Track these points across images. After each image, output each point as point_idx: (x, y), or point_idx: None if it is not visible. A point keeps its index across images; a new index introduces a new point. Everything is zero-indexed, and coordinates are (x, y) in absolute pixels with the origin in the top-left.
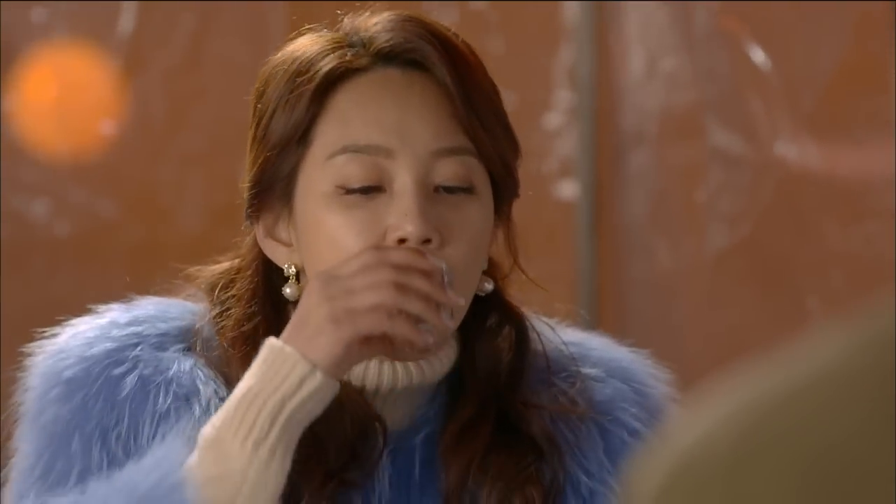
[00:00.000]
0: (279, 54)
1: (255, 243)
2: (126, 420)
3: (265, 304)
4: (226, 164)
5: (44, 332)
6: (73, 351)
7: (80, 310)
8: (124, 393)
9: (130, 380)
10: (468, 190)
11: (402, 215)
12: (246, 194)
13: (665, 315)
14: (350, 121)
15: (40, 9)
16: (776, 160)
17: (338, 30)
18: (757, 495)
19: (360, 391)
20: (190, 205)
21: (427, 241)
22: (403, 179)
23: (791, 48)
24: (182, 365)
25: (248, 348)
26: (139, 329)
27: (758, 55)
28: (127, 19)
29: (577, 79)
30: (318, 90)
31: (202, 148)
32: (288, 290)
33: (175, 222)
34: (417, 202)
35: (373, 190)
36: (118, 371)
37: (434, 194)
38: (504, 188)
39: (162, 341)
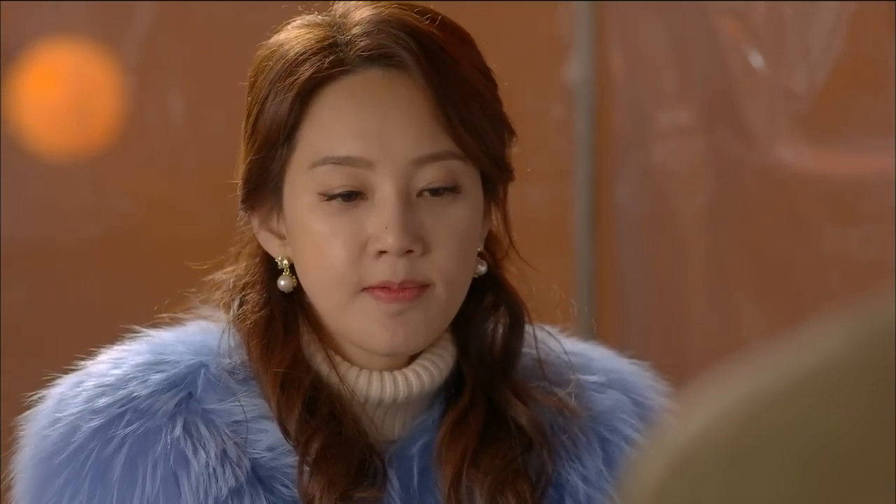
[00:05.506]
0: (269, 46)
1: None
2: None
3: (273, 292)
4: None
5: (33, 395)
6: (59, 430)
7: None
8: (114, 476)
9: (118, 461)
10: (453, 189)
11: (382, 227)
12: (240, 188)
13: (662, 316)
14: (331, 130)
15: (56, 8)
16: (773, 162)
17: (327, 17)
18: (756, 488)
19: (363, 406)
20: (209, 206)
21: (409, 251)
22: (384, 189)
23: (787, 50)
24: (169, 436)
25: (264, 340)
26: (126, 392)
27: (754, 57)
28: (143, 19)
29: (577, 77)
30: (301, 95)
31: (222, 149)
32: (282, 283)
33: (195, 223)
34: (397, 213)
35: (355, 196)
36: (106, 452)
37: (417, 199)
38: (495, 177)
39: (151, 404)
